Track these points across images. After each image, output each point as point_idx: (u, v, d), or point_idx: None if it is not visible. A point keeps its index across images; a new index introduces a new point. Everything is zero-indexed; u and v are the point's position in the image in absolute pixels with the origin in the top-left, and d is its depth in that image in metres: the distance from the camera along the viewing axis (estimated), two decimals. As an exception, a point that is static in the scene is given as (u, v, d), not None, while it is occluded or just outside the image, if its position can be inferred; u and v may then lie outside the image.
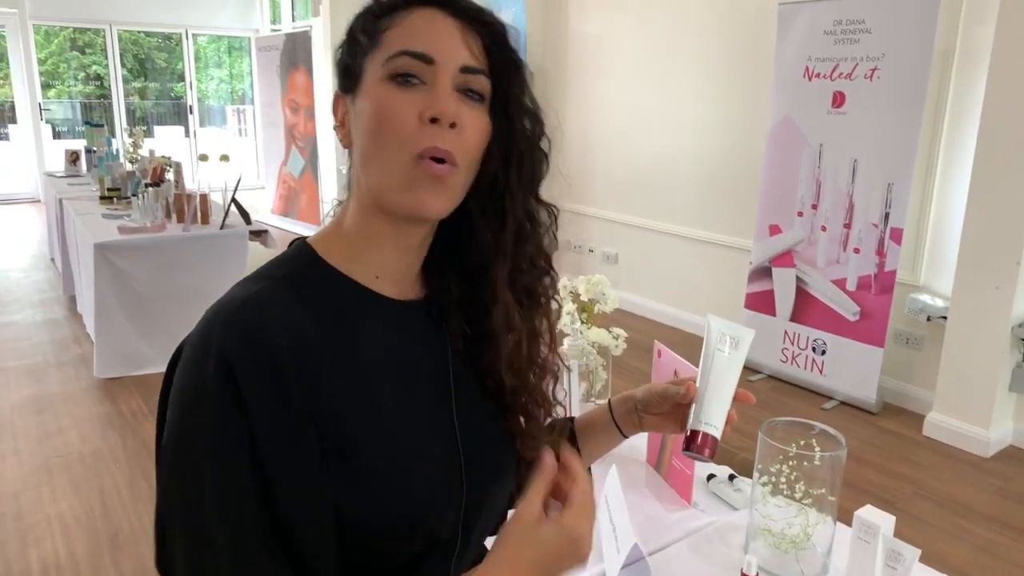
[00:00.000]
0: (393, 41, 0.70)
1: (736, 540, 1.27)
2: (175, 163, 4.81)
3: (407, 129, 0.68)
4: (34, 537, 2.52)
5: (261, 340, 0.63)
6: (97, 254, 3.68)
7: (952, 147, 3.41)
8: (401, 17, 0.71)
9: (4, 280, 5.75)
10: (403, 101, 0.68)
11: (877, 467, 3.08)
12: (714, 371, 0.90)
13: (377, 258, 0.75)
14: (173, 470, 0.64)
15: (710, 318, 0.94)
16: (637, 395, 0.97)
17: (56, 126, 10.75)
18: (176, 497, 0.64)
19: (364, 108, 0.71)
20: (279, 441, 0.62)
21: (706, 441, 0.86)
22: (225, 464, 0.61)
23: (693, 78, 4.60)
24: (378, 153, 0.69)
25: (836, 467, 1.14)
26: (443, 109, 0.68)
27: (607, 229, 5.33)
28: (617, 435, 1.00)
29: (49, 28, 10.51)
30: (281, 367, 0.63)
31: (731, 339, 0.92)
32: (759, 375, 4.02)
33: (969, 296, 3.20)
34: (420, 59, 0.69)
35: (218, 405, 0.61)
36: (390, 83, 0.69)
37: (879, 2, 3.39)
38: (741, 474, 1.46)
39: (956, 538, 2.61)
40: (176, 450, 0.64)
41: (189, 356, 0.65)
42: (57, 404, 3.54)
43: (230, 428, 0.61)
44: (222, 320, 0.64)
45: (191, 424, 0.63)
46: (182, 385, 0.65)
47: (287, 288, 0.69)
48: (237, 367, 0.61)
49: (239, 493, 0.61)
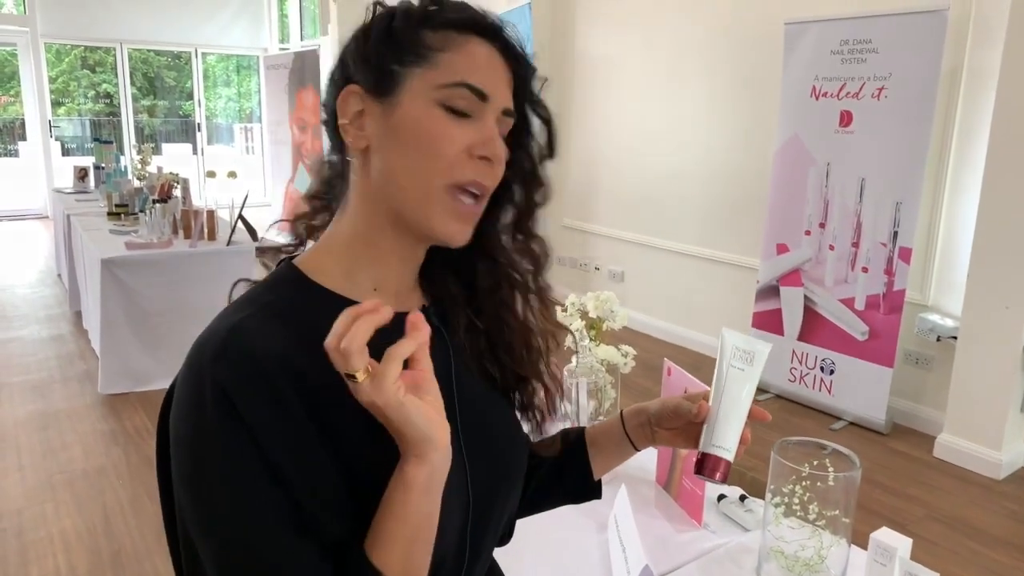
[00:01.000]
0: (452, 68, 0.69)
1: (748, 562, 1.25)
2: (183, 180, 4.83)
3: (451, 158, 0.69)
4: (36, 554, 2.50)
5: (252, 365, 0.63)
6: (104, 269, 3.68)
7: (960, 166, 3.40)
8: (458, 42, 0.70)
9: (11, 296, 5.76)
10: (454, 131, 0.69)
11: (887, 489, 3.05)
12: (728, 389, 0.87)
13: (377, 272, 0.74)
14: (198, 500, 0.64)
15: (724, 332, 0.90)
16: (651, 409, 0.94)
17: (65, 143, 10.84)
18: (207, 528, 0.63)
19: (404, 124, 0.69)
20: (284, 438, 0.62)
21: (718, 465, 0.83)
22: (238, 474, 0.62)
23: (700, 96, 4.61)
24: (415, 172, 0.69)
25: (850, 488, 1.12)
26: (498, 153, 0.71)
27: (613, 247, 5.33)
28: (629, 448, 0.97)
29: (60, 47, 10.62)
30: (275, 386, 0.63)
31: (746, 354, 0.88)
32: (767, 395, 3.99)
33: (979, 316, 3.18)
34: (478, 96, 0.69)
35: (218, 423, 0.61)
36: (440, 109, 0.69)
37: (886, 22, 3.39)
38: (752, 494, 1.44)
39: (969, 562, 2.57)
40: (193, 481, 0.64)
41: (184, 396, 0.65)
42: (61, 420, 3.53)
43: (236, 443, 0.61)
44: (211, 355, 0.63)
45: (201, 457, 0.63)
46: (183, 429, 0.64)
47: (272, 315, 0.67)
48: (231, 389, 0.61)
49: (257, 492, 0.62)
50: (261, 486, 0.62)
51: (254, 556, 0.61)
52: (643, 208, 5.07)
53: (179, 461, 0.65)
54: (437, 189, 0.69)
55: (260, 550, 0.61)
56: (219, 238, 4.18)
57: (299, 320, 0.68)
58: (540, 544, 1.25)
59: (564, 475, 0.97)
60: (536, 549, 1.24)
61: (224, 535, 0.62)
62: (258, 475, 0.62)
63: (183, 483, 0.65)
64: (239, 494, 0.62)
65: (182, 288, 3.89)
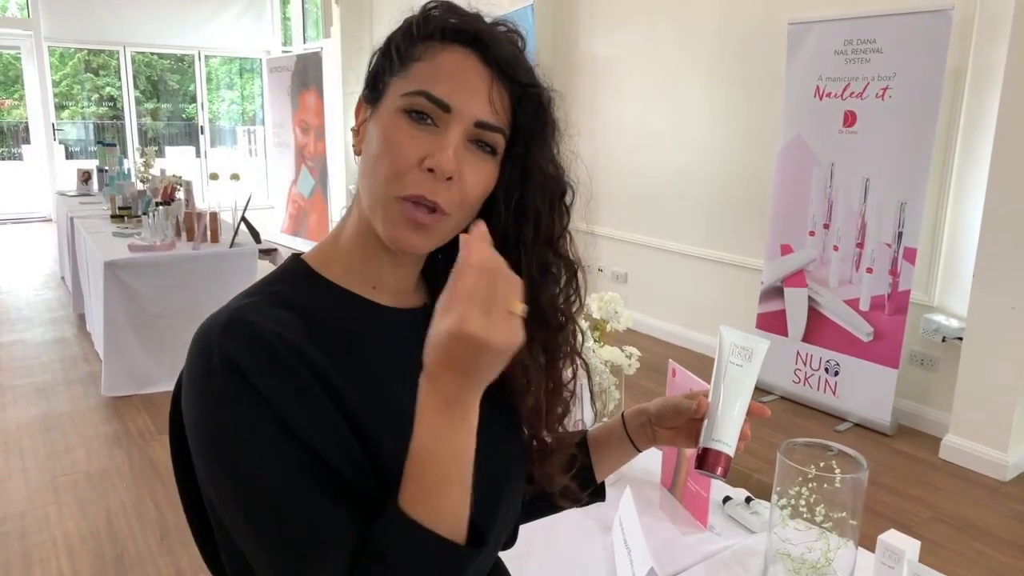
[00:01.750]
0: (418, 76, 0.69)
1: (754, 565, 1.24)
2: (185, 182, 4.83)
3: (402, 168, 0.67)
4: (39, 556, 2.49)
5: (257, 338, 0.63)
6: (107, 272, 3.68)
7: (965, 165, 3.39)
8: (434, 51, 0.70)
9: (14, 298, 5.77)
10: (410, 139, 0.67)
11: (893, 490, 3.03)
12: (726, 385, 0.87)
13: (373, 270, 0.75)
14: (219, 475, 0.63)
15: (723, 329, 0.92)
16: (651, 408, 0.95)
17: (69, 146, 10.85)
18: (233, 493, 0.62)
19: (375, 130, 0.70)
20: (295, 401, 0.62)
21: (718, 459, 0.83)
22: (257, 438, 0.61)
23: (702, 97, 4.60)
24: (372, 179, 0.69)
25: (857, 489, 1.11)
26: (443, 165, 0.66)
27: (616, 248, 5.32)
28: (631, 449, 0.97)
29: (64, 50, 10.64)
30: (280, 356, 0.63)
31: (744, 351, 0.89)
32: (771, 396, 3.97)
33: (985, 316, 3.16)
34: (437, 104, 0.68)
35: (229, 393, 0.61)
36: (403, 116, 0.68)
37: (889, 21, 3.38)
38: (757, 496, 1.43)
39: (976, 564, 2.56)
40: (213, 455, 0.63)
41: (194, 376, 0.65)
42: (65, 422, 3.53)
43: (250, 409, 0.61)
44: (217, 332, 0.64)
45: (216, 430, 0.62)
46: (197, 411, 0.64)
47: (278, 303, 0.69)
48: (239, 359, 0.62)
49: (278, 453, 0.61)
50: (281, 446, 0.61)
51: (285, 516, 0.60)
52: (646, 209, 5.06)
53: (199, 444, 0.64)
54: (386, 199, 0.68)
55: (290, 509, 0.60)
56: (222, 240, 4.18)
57: (305, 309, 0.69)
58: (546, 547, 1.25)
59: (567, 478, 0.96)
60: (542, 551, 1.24)
61: (251, 500, 0.61)
62: (276, 435, 0.61)
63: (204, 462, 0.64)
64: (260, 457, 0.61)
65: (185, 290, 3.89)
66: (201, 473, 0.66)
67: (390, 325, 0.75)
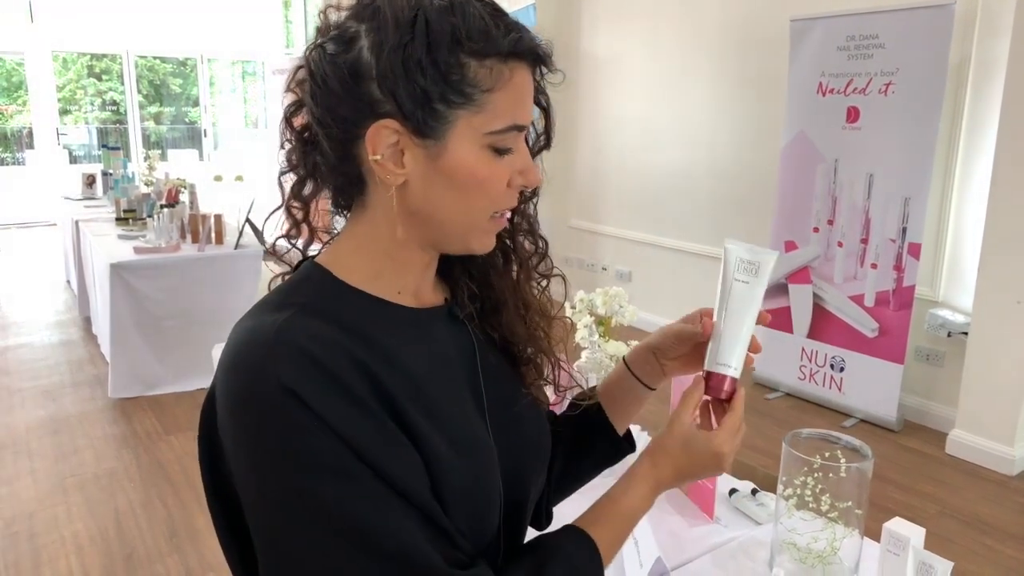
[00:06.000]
0: (501, 109, 0.67)
1: (761, 555, 1.24)
2: (190, 184, 4.85)
3: (496, 195, 0.71)
4: (48, 556, 2.50)
5: (310, 359, 0.62)
6: (113, 274, 3.70)
7: (969, 160, 3.39)
8: (504, 76, 0.67)
9: (21, 302, 5.79)
10: (500, 168, 0.70)
11: (900, 486, 3.03)
12: (731, 304, 0.84)
13: (401, 279, 0.75)
14: (289, 503, 0.62)
15: (728, 244, 0.86)
16: (652, 343, 0.92)
17: (73, 151, 10.87)
18: (306, 517, 0.61)
19: (452, 168, 0.68)
20: (359, 424, 0.62)
21: (722, 383, 0.81)
22: (330, 465, 0.61)
23: (705, 94, 4.60)
24: (464, 210, 0.71)
25: (863, 479, 1.11)
26: (535, 183, 0.74)
27: (620, 247, 5.32)
28: (642, 389, 0.94)
29: (67, 56, 10.68)
30: (336, 374, 0.62)
31: (751, 265, 0.84)
32: (776, 393, 3.97)
33: (990, 311, 3.16)
34: (521, 131, 0.71)
35: (290, 422, 0.61)
36: (488, 151, 0.69)
37: (892, 17, 3.38)
38: (763, 489, 1.43)
39: (983, 558, 2.55)
40: (279, 485, 0.62)
41: (241, 402, 0.63)
42: (72, 424, 3.54)
43: (317, 437, 0.61)
44: (265, 356, 0.62)
45: (283, 461, 0.61)
46: (251, 438, 0.63)
47: (311, 313, 0.67)
48: (296, 385, 0.61)
49: (355, 480, 0.61)
50: (355, 471, 0.61)
51: (376, 541, 0.61)
52: (650, 207, 5.06)
53: (260, 473, 0.63)
54: (483, 220, 0.72)
55: (382, 535, 0.61)
56: (227, 242, 4.19)
57: (340, 319, 0.68)
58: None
59: (590, 442, 0.95)
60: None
61: (340, 530, 0.60)
62: (352, 466, 0.61)
63: (263, 490, 0.63)
64: (338, 485, 0.60)
65: (191, 292, 3.90)
66: (254, 497, 0.64)
67: (418, 326, 0.75)
